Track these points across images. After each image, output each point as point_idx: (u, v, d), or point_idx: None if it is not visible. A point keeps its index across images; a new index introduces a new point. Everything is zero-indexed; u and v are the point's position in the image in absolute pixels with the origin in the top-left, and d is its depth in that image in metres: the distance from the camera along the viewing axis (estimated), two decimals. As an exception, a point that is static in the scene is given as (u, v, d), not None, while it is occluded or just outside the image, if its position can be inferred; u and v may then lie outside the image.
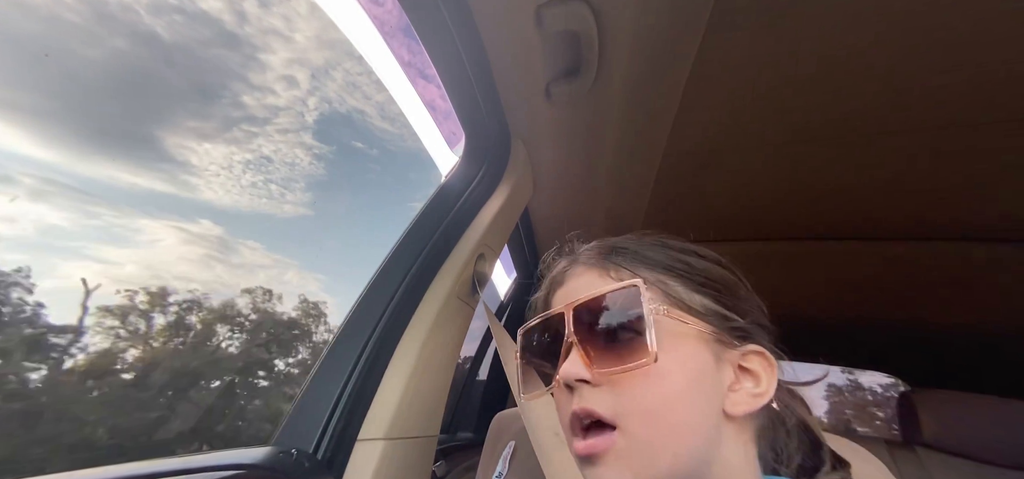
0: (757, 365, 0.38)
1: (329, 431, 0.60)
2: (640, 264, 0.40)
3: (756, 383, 0.38)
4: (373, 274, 0.75)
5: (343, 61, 7.38)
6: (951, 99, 0.75)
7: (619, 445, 0.34)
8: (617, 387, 0.35)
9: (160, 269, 2.17)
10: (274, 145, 5.25)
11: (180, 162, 3.31)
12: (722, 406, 0.37)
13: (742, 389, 0.38)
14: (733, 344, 0.38)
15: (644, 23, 0.65)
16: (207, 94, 3.81)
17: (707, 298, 0.39)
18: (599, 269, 0.42)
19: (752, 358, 0.38)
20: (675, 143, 0.93)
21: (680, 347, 0.36)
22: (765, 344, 0.40)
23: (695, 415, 0.35)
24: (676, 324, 0.37)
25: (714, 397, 0.36)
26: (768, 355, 0.39)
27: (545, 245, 1.38)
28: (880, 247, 1.19)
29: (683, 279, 0.40)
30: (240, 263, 3.34)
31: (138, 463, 0.46)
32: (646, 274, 0.39)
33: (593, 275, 0.42)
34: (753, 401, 0.37)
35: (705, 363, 0.37)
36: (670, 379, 0.35)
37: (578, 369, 0.36)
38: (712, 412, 0.36)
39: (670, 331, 0.36)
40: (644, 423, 0.34)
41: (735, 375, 0.38)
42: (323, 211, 5.55)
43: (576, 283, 0.43)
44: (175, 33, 2.91)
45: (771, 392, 0.37)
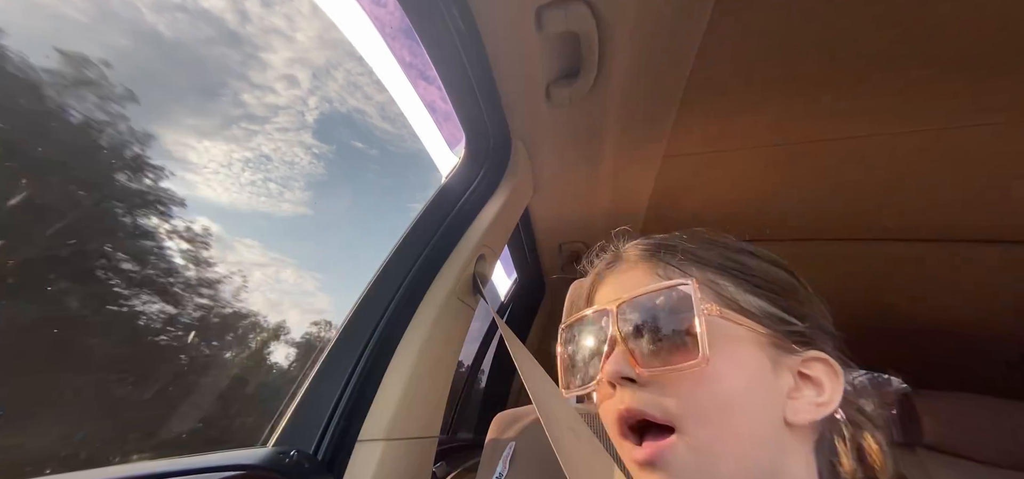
0: (820, 372, 0.36)
1: (329, 432, 0.60)
2: (691, 262, 0.39)
3: (819, 391, 0.36)
4: (373, 275, 0.75)
5: (344, 61, 7.43)
6: (952, 99, 0.75)
7: (680, 449, 0.33)
8: (667, 388, 0.34)
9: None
10: (274, 144, 5.28)
11: (178, 159, 3.33)
12: (783, 414, 0.35)
13: (803, 397, 0.36)
14: (793, 349, 0.36)
15: (644, 24, 0.66)
16: (207, 92, 3.83)
17: (763, 300, 0.37)
18: (647, 266, 0.41)
19: (814, 365, 0.36)
20: (675, 144, 0.93)
21: (734, 350, 0.35)
22: (828, 350, 0.38)
23: (754, 420, 0.34)
24: (729, 326, 0.35)
25: (773, 404, 0.35)
26: (832, 362, 0.37)
27: (545, 246, 1.38)
28: (881, 248, 1.19)
29: (737, 279, 0.38)
30: (237, 261, 3.36)
31: (138, 463, 0.46)
32: (697, 273, 0.38)
33: (640, 272, 0.41)
34: (816, 410, 0.35)
35: (761, 367, 0.35)
36: (723, 382, 0.34)
37: (624, 367, 0.35)
38: (772, 420, 0.34)
39: (723, 333, 0.35)
40: (702, 426, 0.33)
41: (795, 382, 0.36)
42: (322, 210, 5.61)
43: (623, 279, 0.42)
44: (177, 31, 2.92)
45: (836, 401, 0.35)
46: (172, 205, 2.55)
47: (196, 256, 2.58)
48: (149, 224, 2.33)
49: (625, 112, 0.83)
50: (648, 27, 0.66)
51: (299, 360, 4.82)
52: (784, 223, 1.18)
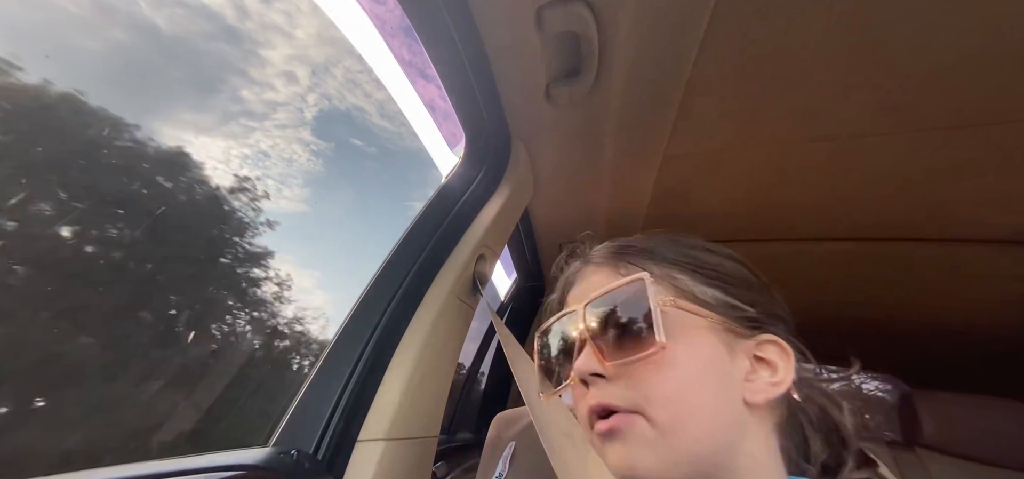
0: (772, 354, 0.39)
1: (329, 432, 0.60)
2: (649, 260, 0.42)
3: (773, 372, 0.38)
4: (373, 275, 0.75)
5: (343, 59, 7.41)
6: (952, 99, 0.75)
7: (640, 426, 0.35)
8: (632, 379, 0.36)
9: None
10: (272, 140, 5.28)
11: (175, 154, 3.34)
12: (741, 395, 0.37)
13: (759, 378, 0.38)
14: (746, 334, 0.39)
15: (644, 24, 0.66)
16: (205, 87, 3.83)
17: (717, 290, 0.40)
18: (610, 267, 0.44)
19: (767, 347, 0.39)
20: (675, 144, 0.93)
21: (690, 337, 0.37)
22: (780, 333, 0.40)
23: (712, 401, 0.36)
24: (685, 315, 0.38)
25: (730, 385, 0.37)
26: (783, 343, 0.39)
27: (545, 246, 1.38)
28: (881, 248, 1.19)
29: (692, 273, 0.41)
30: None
31: (138, 464, 0.46)
32: (654, 269, 0.40)
33: (604, 273, 0.44)
34: (771, 389, 0.38)
35: (716, 352, 0.38)
36: (682, 367, 0.36)
37: (592, 363, 0.38)
38: (731, 400, 0.37)
39: (679, 322, 0.37)
40: (663, 408, 0.35)
41: (751, 364, 0.39)
42: (321, 207, 5.59)
43: (588, 282, 0.45)
44: (176, 26, 2.92)
45: (789, 380, 0.38)
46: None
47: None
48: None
49: (625, 112, 0.83)
50: (648, 27, 0.66)
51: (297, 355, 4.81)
52: (784, 223, 1.18)
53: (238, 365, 1.62)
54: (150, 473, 0.45)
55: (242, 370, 1.55)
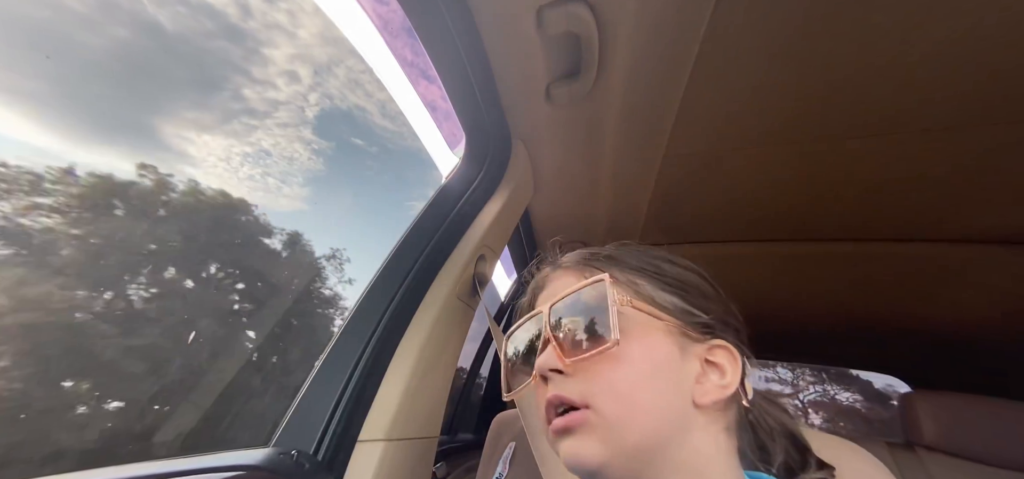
0: (722, 358, 0.41)
1: (329, 432, 0.60)
2: (613, 266, 0.44)
3: (722, 375, 0.41)
4: (373, 275, 0.75)
5: (346, 58, 7.46)
6: (953, 100, 0.75)
7: (590, 419, 0.37)
8: (587, 374, 0.38)
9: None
10: (273, 138, 5.36)
11: (177, 152, 3.44)
12: (691, 395, 0.39)
13: (708, 381, 0.40)
14: (699, 338, 0.41)
15: (644, 24, 0.66)
16: (207, 85, 3.92)
17: (675, 296, 0.43)
18: (576, 272, 0.46)
19: (717, 352, 0.41)
20: (675, 144, 0.93)
21: (645, 337, 0.40)
22: (731, 340, 0.42)
23: (661, 398, 0.38)
24: (641, 316, 0.41)
25: (680, 385, 0.39)
26: (732, 349, 0.42)
27: (546, 246, 1.38)
28: (881, 248, 1.19)
29: (653, 279, 0.44)
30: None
31: (138, 464, 0.46)
32: (618, 274, 0.43)
33: (570, 277, 0.46)
34: (720, 391, 0.40)
35: (669, 353, 0.40)
36: (635, 364, 0.38)
37: (551, 360, 0.40)
38: (679, 399, 0.39)
39: (636, 321, 0.40)
40: (612, 401, 0.37)
41: (702, 368, 0.41)
42: (321, 205, 5.72)
43: (555, 285, 0.47)
44: (178, 23, 3.02)
45: (735, 383, 0.40)
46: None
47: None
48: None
49: (625, 112, 0.83)
50: (648, 27, 0.66)
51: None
52: (784, 223, 1.18)
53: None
54: (150, 473, 0.45)
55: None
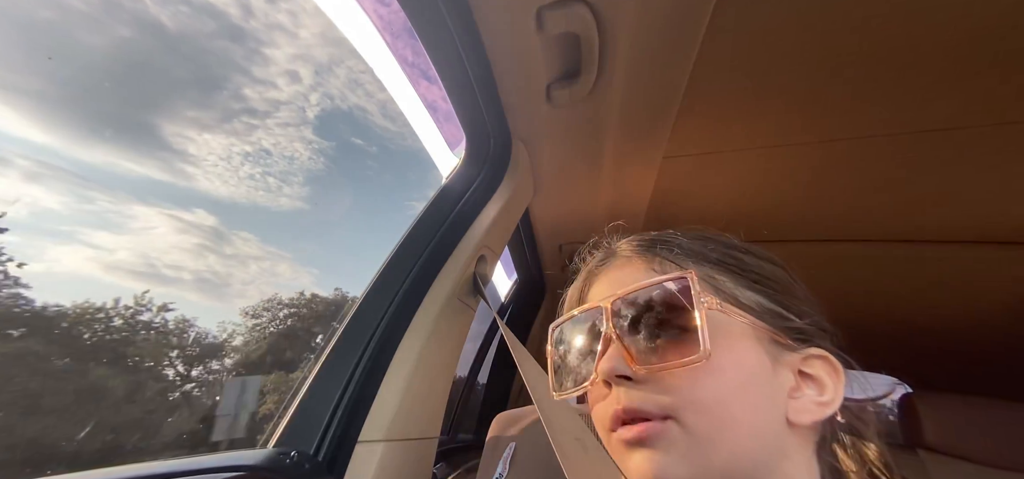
0: (821, 370, 0.36)
1: (329, 433, 0.60)
2: (687, 257, 0.38)
3: (820, 391, 0.35)
4: (374, 275, 0.75)
5: (346, 59, 7.56)
6: (953, 101, 0.75)
7: (673, 432, 0.32)
8: (663, 384, 0.33)
9: (152, 257, 2.27)
10: (274, 138, 5.58)
11: (177, 151, 3.45)
12: (784, 413, 0.34)
13: (804, 396, 0.35)
14: (792, 346, 0.36)
15: (644, 25, 0.65)
16: (208, 85, 4.02)
17: (761, 295, 0.37)
18: (642, 261, 0.40)
19: (814, 363, 0.36)
20: (676, 145, 0.93)
21: (733, 344, 0.34)
22: (829, 348, 0.37)
23: (753, 416, 0.33)
24: (728, 319, 0.34)
25: (774, 401, 0.34)
26: (833, 360, 0.36)
27: (546, 246, 1.38)
28: (882, 249, 1.19)
29: (734, 274, 0.37)
30: (233, 253, 3.58)
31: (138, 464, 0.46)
32: (695, 267, 0.37)
33: (635, 268, 0.40)
34: (818, 410, 0.34)
35: (761, 363, 0.34)
36: (724, 376, 0.33)
37: (619, 365, 0.34)
38: (773, 417, 0.33)
39: (722, 326, 0.34)
40: (700, 416, 0.32)
41: (796, 380, 0.35)
42: (321, 206, 6.08)
43: (617, 275, 0.41)
44: (180, 23, 3.02)
45: (839, 400, 0.35)
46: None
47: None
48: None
49: (625, 112, 0.83)
50: (648, 27, 0.66)
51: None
52: (784, 223, 1.18)
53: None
54: (150, 473, 0.45)
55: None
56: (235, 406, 1.30)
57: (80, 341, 3.20)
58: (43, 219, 2.40)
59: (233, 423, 1.23)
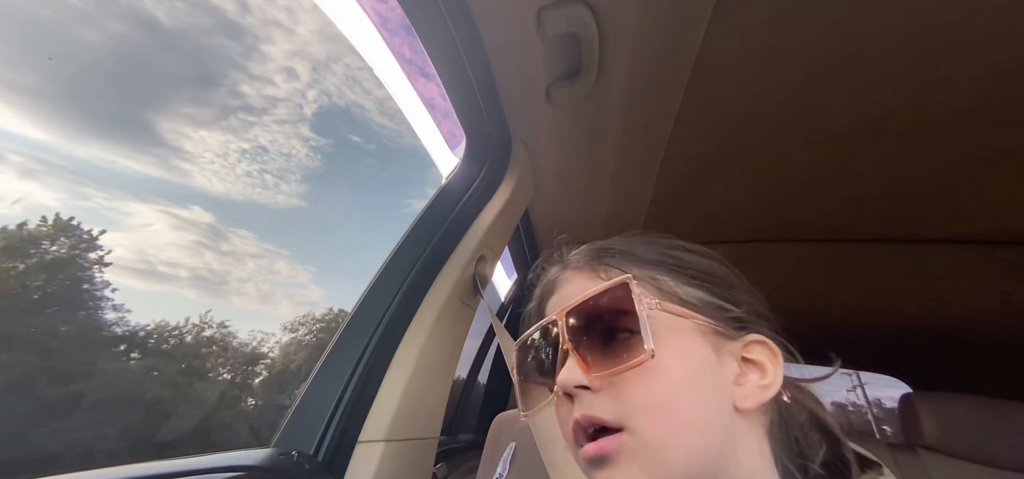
0: (760, 355, 0.38)
1: (330, 433, 0.60)
2: (630, 262, 0.40)
3: (762, 374, 0.37)
4: (374, 276, 0.75)
5: (344, 56, 7.59)
6: (952, 100, 0.75)
7: (629, 444, 0.33)
8: (618, 389, 0.34)
9: (148, 253, 2.31)
10: (271, 135, 5.59)
11: (174, 147, 3.51)
12: (731, 401, 0.35)
13: (748, 381, 0.37)
14: (732, 335, 0.38)
15: (644, 25, 0.65)
16: (205, 81, 4.08)
17: (700, 290, 0.39)
18: (589, 271, 0.42)
19: (754, 348, 0.38)
20: (675, 144, 0.93)
21: (677, 341, 0.36)
22: (766, 333, 0.39)
23: (703, 410, 0.34)
24: (671, 318, 0.36)
25: (720, 391, 0.35)
26: (771, 343, 0.38)
27: (546, 246, 1.38)
28: (882, 248, 1.19)
29: (674, 273, 0.39)
30: (230, 251, 3.70)
31: (138, 464, 0.46)
32: (636, 271, 0.38)
33: (583, 278, 0.42)
34: (762, 392, 0.36)
35: (705, 356, 0.36)
36: (670, 374, 0.34)
37: (576, 375, 0.35)
38: (721, 408, 0.35)
39: (665, 325, 0.36)
40: (650, 421, 0.33)
41: (739, 367, 0.37)
42: (318, 203, 6.04)
43: (567, 288, 0.43)
44: (176, 19, 3.06)
45: (779, 381, 0.37)
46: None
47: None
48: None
49: (625, 112, 0.83)
50: (648, 28, 0.66)
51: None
52: (784, 223, 1.18)
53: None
54: (150, 473, 0.45)
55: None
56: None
57: (173, 354, 3.69)
58: (39, 216, 2.49)
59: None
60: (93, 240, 3.11)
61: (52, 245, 3.17)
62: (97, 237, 3.09)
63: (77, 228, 3.05)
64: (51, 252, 3.06)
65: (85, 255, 3.06)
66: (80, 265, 2.95)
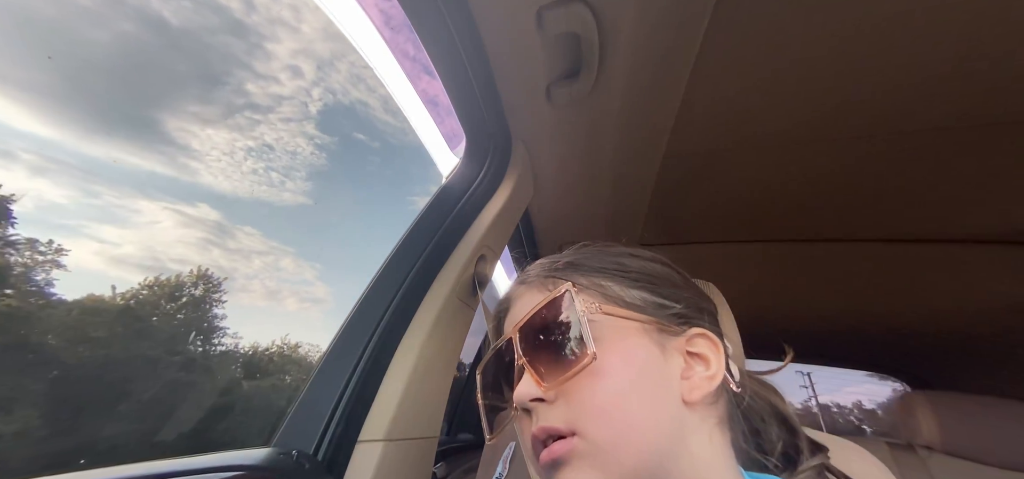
0: (703, 347, 0.39)
1: (329, 432, 0.60)
2: (576, 272, 0.42)
3: (706, 365, 0.38)
4: (374, 275, 0.75)
5: (348, 54, 7.75)
6: (952, 100, 0.75)
7: (579, 447, 0.34)
8: (569, 397, 0.35)
9: (157, 251, 2.47)
10: (276, 133, 6.05)
11: (181, 146, 3.70)
12: (679, 395, 0.36)
13: (694, 373, 0.38)
14: (676, 331, 0.39)
15: (644, 25, 0.65)
16: (211, 80, 4.28)
17: (643, 291, 0.40)
18: (539, 285, 0.43)
19: (697, 341, 0.39)
20: (676, 144, 0.93)
21: (621, 342, 0.37)
22: (707, 325, 0.40)
23: (650, 407, 0.35)
24: (613, 321, 0.37)
25: (667, 387, 0.36)
26: (711, 335, 0.39)
27: (546, 246, 1.38)
28: (882, 248, 1.19)
29: (617, 278, 0.41)
30: (237, 248, 4.01)
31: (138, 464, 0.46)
32: (580, 280, 0.40)
33: (534, 293, 0.42)
34: (707, 383, 0.37)
35: (650, 354, 0.37)
36: (616, 375, 0.35)
37: (531, 389, 0.36)
38: (669, 403, 0.36)
39: (609, 328, 0.37)
40: (599, 423, 0.34)
41: (685, 362, 0.38)
42: (323, 201, 6.44)
43: (519, 304, 0.44)
44: (183, 18, 3.15)
45: (722, 371, 0.38)
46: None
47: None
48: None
49: (626, 112, 0.83)
50: (648, 27, 0.66)
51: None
52: (784, 223, 1.18)
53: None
54: (150, 473, 0.45)
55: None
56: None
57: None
58: (49, 213, 2.73)
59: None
60: (219, 284, 4.48)
61: (195, 290, 4.47)
62: (221, 283, 4.44)
63: (210, 276, 4.46)
64: (195, 294, 4.31)
65: (211, 296, 4.34)
66: (211, 301, 4.08)
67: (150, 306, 4.28)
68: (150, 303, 4.28)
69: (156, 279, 5.29)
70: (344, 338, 0.69)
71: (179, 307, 4.19)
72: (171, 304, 4.39)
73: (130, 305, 3.73)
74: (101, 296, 3.51)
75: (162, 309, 4.31)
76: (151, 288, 4.60)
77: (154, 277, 4.59)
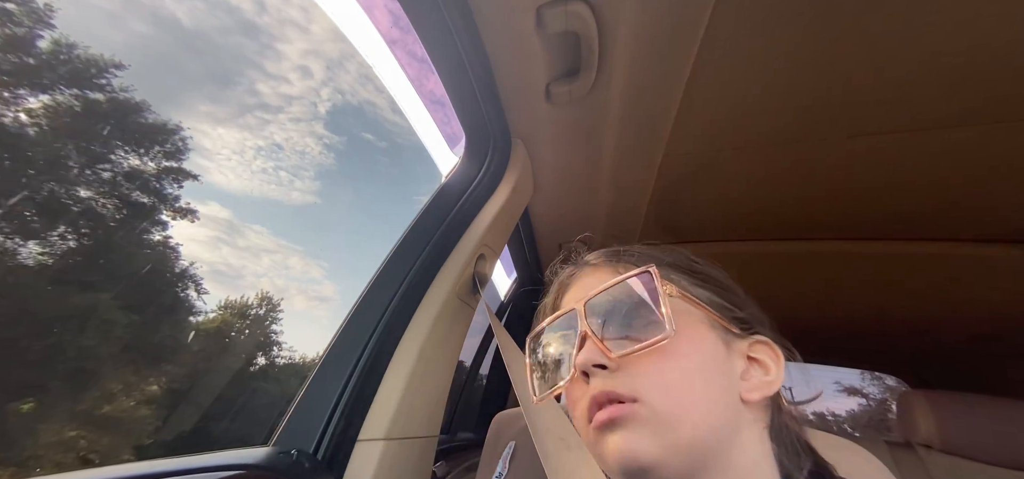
0: (764, 354, 0.40)
1: (329, 431, 0.60)
2: (647, 261, 0.42)
3: (766, 372, 0.40)
4: (374, 274, 0.75)
5: (355, 55, 7.93)
6: (952, 99, 0.75)
7: (640, 413, 0.35)
8: (633, 368, 0.37)
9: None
10: (286, 133, 6.12)
11: (192, 146, 3.79)
12: (738, 392, 0.38)
13: (753, 377, 0.39)
14: (739, 334, 0.41)
15: (644, 24, 0.65)
16: (222, 80, 4.26)
17: (710, 292, 0.42)
18: (608, 267, 0.45)
19: (759, 348, 0.41)
20: (675, 143, 0.93)
21: (692, 328, 0.39)
22: (769, 335, 0.42)
23: (712, 393, 0.37)
24: (688, 307, 0.40)
25: (728, 381, 0.38)
26: (773, 345, 0.41)
27: (545, 245, 1.38)
28: (881, 247, 1.19)
29: (686, 274, 0.43)
30: (246, 246, 4.02)
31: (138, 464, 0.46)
32: (655, 268, 0.41)
33: (603, 273, 0.45)
34: (767, 387, 0.39)
35: (716, 347, 0.39)
36: (686, 357, 0.37)
37: (594, 355, 0.37)
38: (728, 394, 0.38)
39: (682, 312, 0.39)
40: (663, 396, 0.35)
41: (745, 364, 0.40)
42: (330, 199, 6.51)
43: (587, 280, 0.46)
44: (195, 19, 3.19)
45: (780, 379, 0.39)
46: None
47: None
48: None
49: (625, 111, 0.83)
50: (648, 27, 0.66)
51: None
52: (784, 223, 1.18)
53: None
54: (150, 473, 0.45)
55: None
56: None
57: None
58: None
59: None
60: (277, 304, 4.57)
61: (259, 310, 5.36)
62: (278, 303, 4.30)
63: (272, 298, 4.64)
64: (259, 314, 4.76)
65: (272, 314, 5.07)
66: (272, 320, 4.63)
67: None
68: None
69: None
70: (344, 337, 0.69)
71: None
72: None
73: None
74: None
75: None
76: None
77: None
